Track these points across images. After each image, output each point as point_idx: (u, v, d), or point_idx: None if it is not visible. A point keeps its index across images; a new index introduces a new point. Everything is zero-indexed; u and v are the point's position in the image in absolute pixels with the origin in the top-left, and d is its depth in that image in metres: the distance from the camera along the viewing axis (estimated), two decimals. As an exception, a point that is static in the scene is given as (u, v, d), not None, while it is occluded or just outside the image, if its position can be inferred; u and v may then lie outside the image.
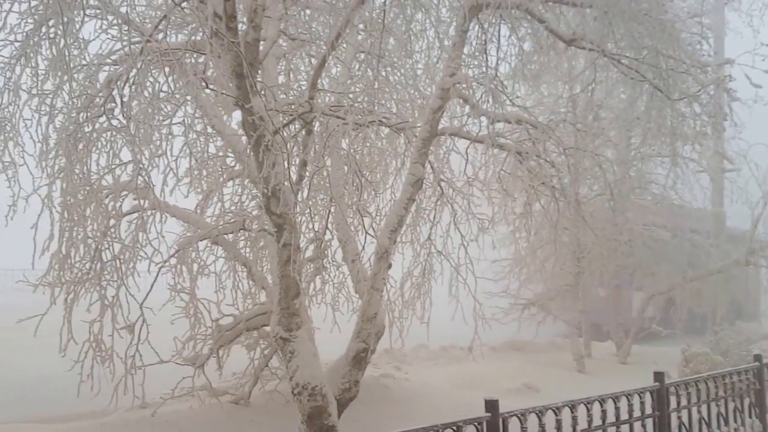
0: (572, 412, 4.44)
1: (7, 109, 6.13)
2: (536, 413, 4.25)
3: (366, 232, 5.44)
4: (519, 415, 4.18)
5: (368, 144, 6.51)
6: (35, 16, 5.84)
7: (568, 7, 5.82)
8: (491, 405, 4.09)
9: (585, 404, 4.53)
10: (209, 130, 6.50)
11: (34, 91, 5.88)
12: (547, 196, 6.72)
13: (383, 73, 6.40)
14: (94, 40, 5.93)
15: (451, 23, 6.39)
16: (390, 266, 5.60)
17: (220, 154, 6.47)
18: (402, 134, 6.17)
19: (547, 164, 6.20)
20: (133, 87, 5.08)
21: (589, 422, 4.54)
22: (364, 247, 5.71)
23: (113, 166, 5.42)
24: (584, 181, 10.17)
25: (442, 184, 6.23)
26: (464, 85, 5.67)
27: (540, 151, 6.02)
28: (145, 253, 5.72)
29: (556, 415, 4.37)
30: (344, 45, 6.17)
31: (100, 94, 5.72)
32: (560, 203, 6.62)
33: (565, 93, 10.33)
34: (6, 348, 8.68)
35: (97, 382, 5.67)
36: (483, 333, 6.89)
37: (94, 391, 5.64)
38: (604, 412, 4.68)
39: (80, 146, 5.67)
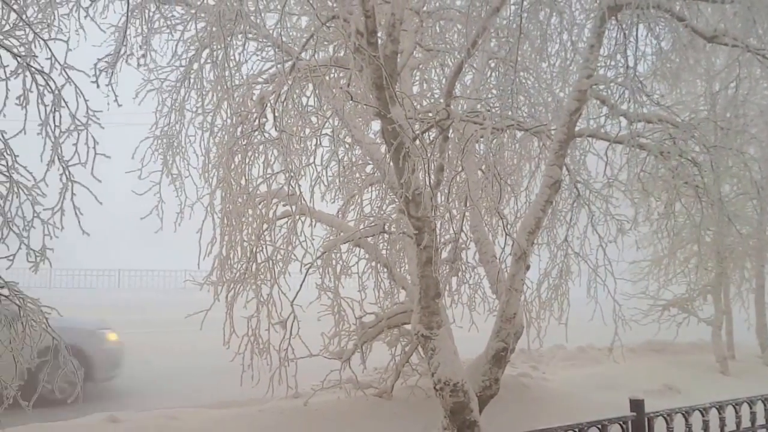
0: (720, 414, 4.36)
1: (174, 127, 6.88)
2: (682, 413, 4.21)
3: (506, 234, 5.58)
4: (665, 415, 4.15)
5: (501, 148, 6.64)
6: (197, 43, 6.51)
7: (706, 3, 5.68)
8: (636, 404, 4.10)
9: (733, 405, 4.42)
10: (348, 140, 6.90)
11: (198, 110, 6.56)
12: (689, 196, 6.58)
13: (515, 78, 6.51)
14: (246, 62, 6.52)
15: (585, 25, 6.40)
16: (528, 267, 5.71)
17: (360, 162, 6.83)
18: (537, 137, 6.26)
19: (689, 163, 6.07)
20: (284, 102, 5.53)
21: (738, 424, 4.42)
22: (503, 249, 5.84)
23: (267, 176, 5.89)
24: (728, 179, 9.71)
25: (579, 185, 6.26)
26: (602, 87, 5.69)
27: (682, 150, 5.91)
28: (295, 256, 6.18)
29: (703, 415, 4.30)
30: (476, 52, 6.35)
31: (254, 111, 6.28)
32: (703, 202, 6.45)
33: (706, 91, 9.92)
34: (177, 341, 9.59)
35: (256, 373, 6.20)
36: (622, 334, 6.85)
37: (254, 380, 6.18)
38: (753, 414, 4.53)
39: (237, 158, 6.25)
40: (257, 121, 6.02)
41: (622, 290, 7.01)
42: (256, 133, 6.01)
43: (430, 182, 5.40)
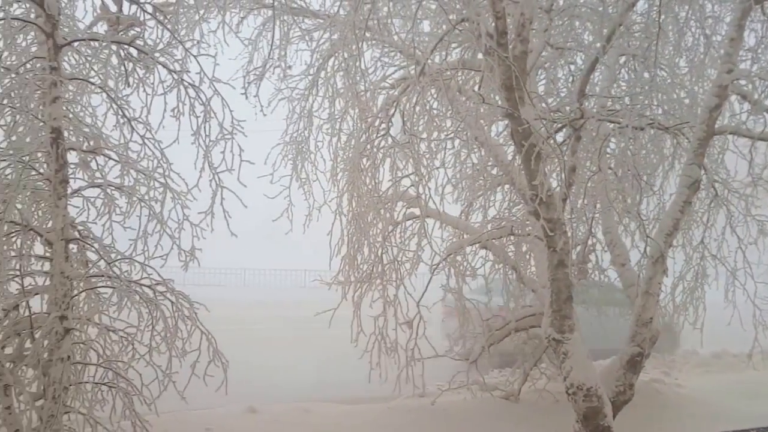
0: None
1: (302, 134, 7.17)
2: (842, 426, 3.99)
3: (647, 236, 5.42)
4: (820, 428, 3.96)
5: (641, 147, 6.45)
6: (325, 52, 6.76)
7: None
8: (789, 415, 3.93)
9: None
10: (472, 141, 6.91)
11: (327, 116, 6.81)
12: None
13: (646, 75, 6.32)
14: (371, 68, 6.69)
15: (722, 18, 6.14)
16: (666, 271, 5.53)
17: (489, 163, 6.83)
18: (671, 135, 6.05)
19: (839, 159, 5.70)
20: (414, 106, 5.63)
21: None
22: (643, 252, 5.68)
23: (397, 179, 6.02)
24: None
25: (716, 185, 6.00)
26: (744, 82, 5.43)
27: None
28: (420, 257, 6.28)
29: None
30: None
31: (380, 116, 6.43)
32: None
33: None
34: (306, 336, 9.94)
35: (384, 371, 6.34)
36: (761, 339, 6.53)
37: (381, 378, 6.32)
38: None
39: (365, 162, 6.42)
40: (384, 125, 6.18)
41: (761, 294, 6.67)
42: (383, 137, 6.17)
43: (565, 183, 5.34)
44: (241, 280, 26.69)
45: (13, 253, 4.95)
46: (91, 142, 5.35)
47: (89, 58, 5.29)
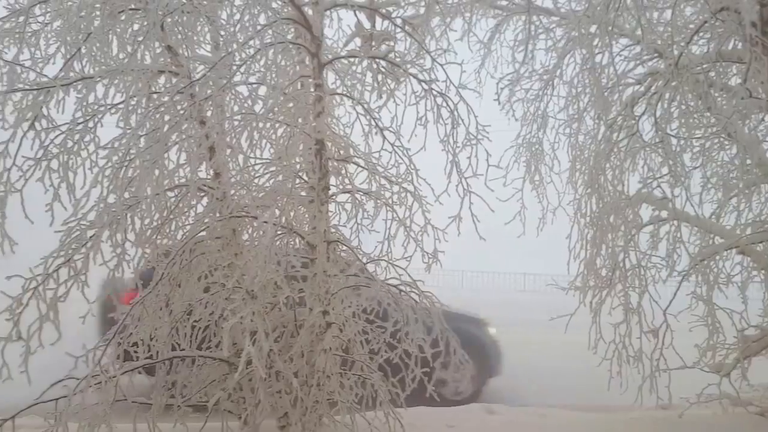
0: None
1: (536, 135, 7.11)
2: None
3: None
4: None
5: None
6: (559, 51, 6.65)
7: None
8: None
9: None
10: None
11: (560, 116, 6.72)
12: None
13: None
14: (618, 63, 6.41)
15: None
16: None
17: (747, 162, 6.28)
18: None
19: None
20: (668, 102, 5.34)
21: None
22: None
23: (648, 180, 5.76)
24: None
25: None
26: None
27: None
28: (666, 262, 5.94)
29: None
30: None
31: (623, 113, 6.17)
32: None
33: None
34: (539, 341, 9.97)
35: (624, 380, 6.09)
36: None
37: (621, 387, 6.08)
38: None
39: (610, 162, 6.20)
40: (636, 123, 5.92)
41: None
42: (631, 136, 5.92)
43: None
44: (459, 281, 27.14)
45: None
46: (342, 152, 5.77)
47: (341, 74, 5.67)
